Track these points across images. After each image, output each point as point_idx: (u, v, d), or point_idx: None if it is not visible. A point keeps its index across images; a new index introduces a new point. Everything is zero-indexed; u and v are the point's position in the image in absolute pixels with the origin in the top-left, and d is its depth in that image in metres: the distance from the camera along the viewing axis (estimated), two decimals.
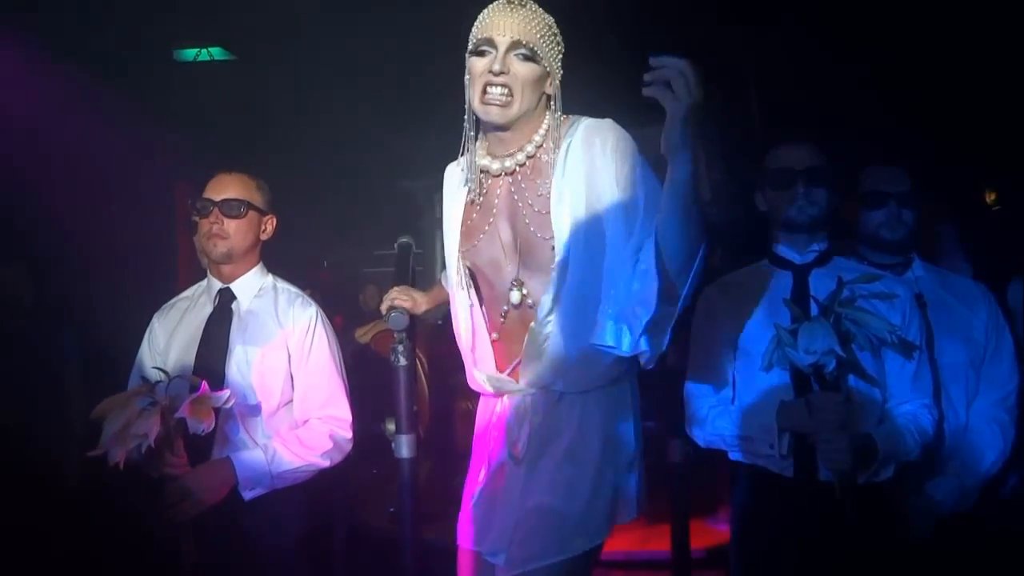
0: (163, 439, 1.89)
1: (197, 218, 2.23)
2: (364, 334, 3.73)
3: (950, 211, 2.67)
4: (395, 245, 2.09)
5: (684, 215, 1.50)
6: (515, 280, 1.72)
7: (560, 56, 1.69)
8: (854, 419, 1.82)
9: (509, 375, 1.76)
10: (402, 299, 1.86)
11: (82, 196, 3.80)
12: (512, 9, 1.63)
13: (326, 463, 2.17)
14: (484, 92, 1.62)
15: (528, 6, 1.65)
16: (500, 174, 1.71)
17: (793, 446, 1.86)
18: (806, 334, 1.76)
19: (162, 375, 1.98)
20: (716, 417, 1.99)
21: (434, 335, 3.33)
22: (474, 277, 1.81)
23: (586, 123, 1.69)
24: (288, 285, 2.30)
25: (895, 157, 2.26)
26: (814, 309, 1.86)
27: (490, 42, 1.62)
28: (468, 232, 1.77)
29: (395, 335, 1.92)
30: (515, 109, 1.63)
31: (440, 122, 1.69)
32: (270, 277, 2.29)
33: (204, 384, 1.96)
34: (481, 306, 1.81)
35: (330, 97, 4.47)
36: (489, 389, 1.80)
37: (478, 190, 1.75)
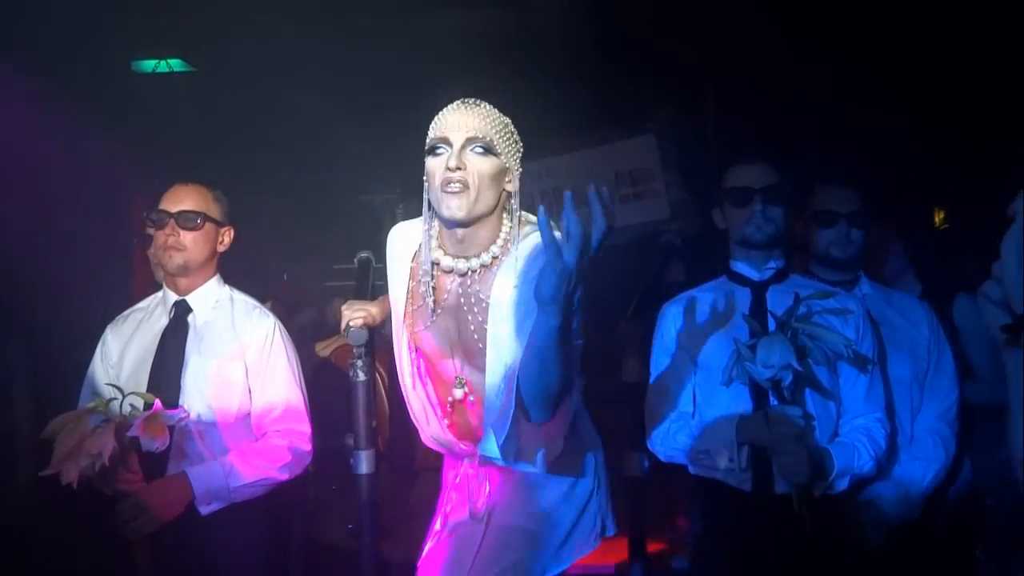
0: (117, 457, 1.86)
1: (153, 230, 2.20)
2: (324, 348, 3.68)
3: (900, 230, 2.75)
4: (355, 260, 2.08)
5: (540, 362, 1.46)
6: (458, 377, 1.72)
7: (519, 155, 1.68)
8: (811, 432, 1.86)
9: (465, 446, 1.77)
10: (358, 315, 1.85)
11: (37, 206, 3.70)
12: (467, 108, 1.62)
13: (284, 476, 2.14)
14: (444, 186, 1.59)
15: (483, 105, 1.64)
16: (451, 272, 1.67)
17: (752, 459, 1.89)
18: (764, 348, 1.80)
19: (116, 392, 1.94)
20: (677, 431, 2.02)
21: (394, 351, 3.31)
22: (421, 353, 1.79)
23: (529, 238, 1.64)
24: (246, 296, 2.28)
25: (846, 177, 2.33)
26: (772, 325, 1.90)
27: (445, 140, 1.61)
28: (414, 317, 1.74)
29: (354, 350, 1.91)
30: (473, 200, 1.59)
31: (401, 136, 1.69)
32: (227, 288, 2.27)
33: (157, 402, 1.93)
34: (432, 387, 1.80)
35: (290, 110, 4.44)
36: (445, 451, 1.82)
37: (428, 280, 1.70)
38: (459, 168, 1.58)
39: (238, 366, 2.15)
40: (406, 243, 1.76)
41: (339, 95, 4.24)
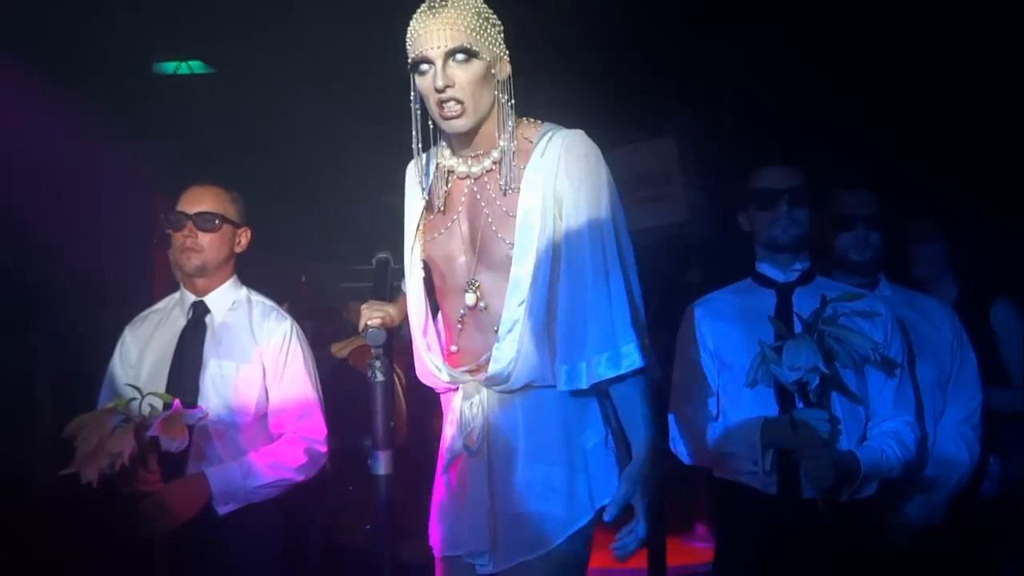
0: (136, 457, 1.86)
1: (171, 231, 2.20)
2: (341, 349, 3.69)
3: (937, 231, 2.72)
4: (373, 261, 2.07)
5: None
6: (471, 281, 1.67)
7: (500, 36, 1.63)
8: (837, 436, 1.83)
9: (463, 371, 1.72)
10: (376, 315, 1.84)
11: (59, 207, 3.74)
12: (435, 14, 1.57)
13: (301, 477, 2.14)
14: (440, 107, 1.58)
15: (450, 3, 1.58)
16: (466, 177, 1.69)
17: (777, 463, 1.87)
18: (790, 351, 1.77)
19: (135, 392, 1.94)
20: (700, 434, 1.99)
21: (411, 350, 3.30)
22: (431, 275, 1.76)
23: (562, 137, 1.64)
24: (263, 298, 2.28)
25: (878, 178, 2.30)
26: (798, 327, 1.88)
27: (425, 59, 1.57)
28: (428, 227, 1.74)
29: (372, 351, 1.90)
30: (472, 115, 1.59)
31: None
32: (244, 290, 2.27)
33: (177, 402, 1.93)
34: (437, 312, 1.77)
35: (309, 110, 4.46)
36: (443, 379, 1.75)
37: (440, 188, 1.71)
38: (448, 86, 1.56)
39: (255, 367, 2.15)
40: (422, 168, 1.77)
41: (357, 96, 4.25)
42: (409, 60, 1.61)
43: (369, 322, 1.83)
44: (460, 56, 1.56)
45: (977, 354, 2.22)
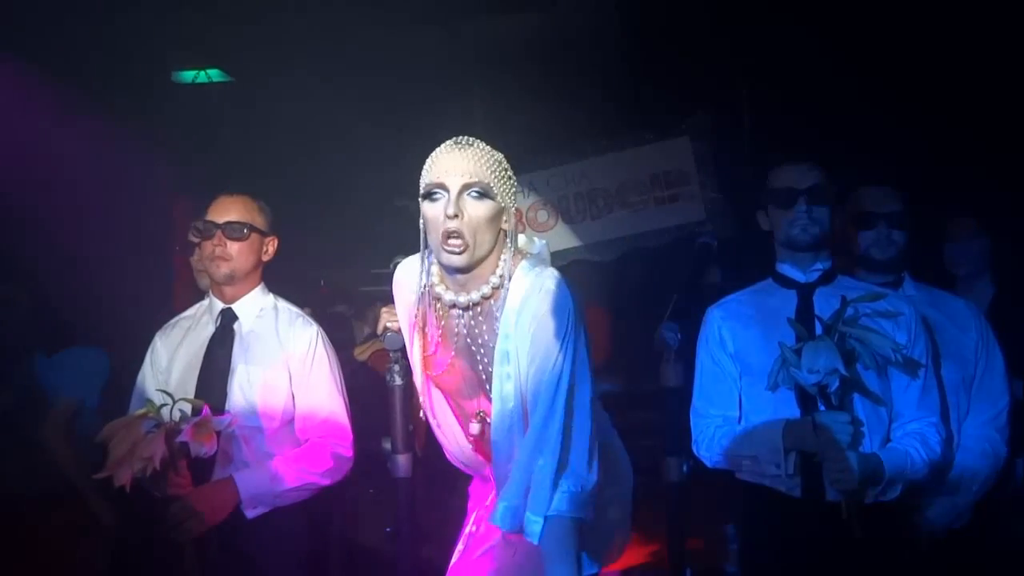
0: (167, 461, 1.89)
1: (199, 240, 2.24)
2: (362, 352, 3.71)
3: (979, 230, 2.69)
4: (391, 265, 2.09)
5: None
6: (478, 412, 1.72)
7: (514, 191, 1.65)
8: (860, 438, 1.82)
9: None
10: (393, 318, 1.86)
11: (80, 216, 3.79)
12: (460, 149, 1.59)
13: (327, 481, 2.16)
14: (444, 240, 1.58)
15: (476, 145, 1.61)
16: (454, 307, 1.68)
17: (800, 466, 1.87)
18: (810, 353, 1.77)
19: (166, 397, 1.98)
20: (722, 437, 2.00)
21: None
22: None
23: (529, 280, 1.62)
24: (289, 305, 2.30)
25: (902, 175, 2.29)
26: (819, 328, 1.87)
27: (442, 186, 1.58)
28: (433, 362, 1.75)
29: (391, 355, 1.92)
30: (472, 254, 1.59)
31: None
32: (271, 297, 2.29)
33: (206, 408, 1.97)
34: (456, 419, 1.81)
35: (326, 116, 4.50)
36: (482, 472, 1.82)
37: (435, 317, 1.71)
38: (457, 216, 1.56)
39: (282, 373, 2.17)
40: (412, 281, 1.75)
41: (374, 100, 4.28)
42: (423, 187, 1.61)
43: (388, 325, 1.86)
44: (475, 192, 1.58)
45: (1010, 355, 2.18)
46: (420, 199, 1.63)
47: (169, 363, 2.21)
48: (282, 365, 2.18)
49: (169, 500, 1.96)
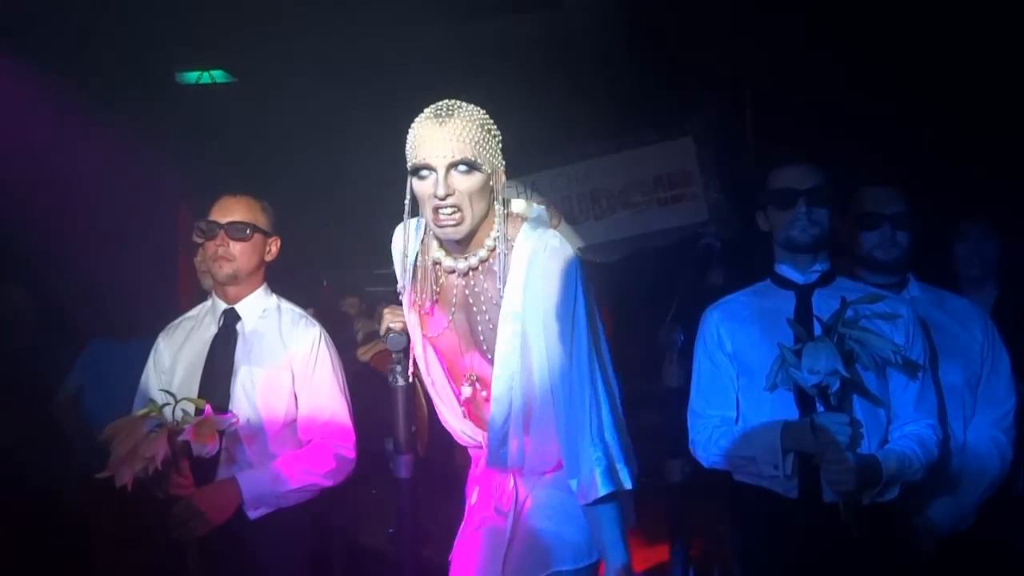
0: (169, 461, 1.90)
1: (202, 240, 2.24)
2: (365, 352, 3.72)
3: (991, 232, 2.69)
4: None
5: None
6: (469, 374, 1.75)
7: (499, 148, 1.66)
8: (858, 439, 1.82)
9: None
10: (396, 319, 1.87)
11: (84, 216, 3.82)
12: (441, 123, 1.58)
13: (329, 482, 2.17)
14: (436, 213, 1.60)
15: (456, 114, 1.59)
16: (453, 271, 1.70)
17: (798, 467, 1.87)
18: (810, 354, 1.77)
19: (169, 397, 1.99)
20: (720, 438, 2.00)
21: None
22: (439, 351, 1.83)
23: (533, 241, 1.65)
24: (292, 305, 2.31)
25: (904, 176, 2.28)
26: (817, 329, 1.87)
27: (427, 167, 1.58)
28: (431, 322, 1.77)
29: (393, 355, 1.92)
30: (467, 224, 1.61)
31: None
32: (274, 298, 2.30)
33: (208, 408, 1.97)
34: (450, 383, 1.84)
35: (329, 116, 4.51)
36: (479, 439, 1.81)
37: (432, 283, 1.73)
38: (448, 195, 1.57)
39: (285, 374, 2.18)
40: (408, 244, 1.79)
41: (378, 100, 4.29)
42: (409, 164, 1.62)
43: (391, 326, 1.87)
44: (462, 167, 1.59)
45: (1015, 357, 2.18)
46: (408, 174, 1.64)
47: (172, 363, 2.22)
48: (285, 366, 2.19)
49: (172, 500, 1.97)
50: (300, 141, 4.64)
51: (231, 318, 2.23)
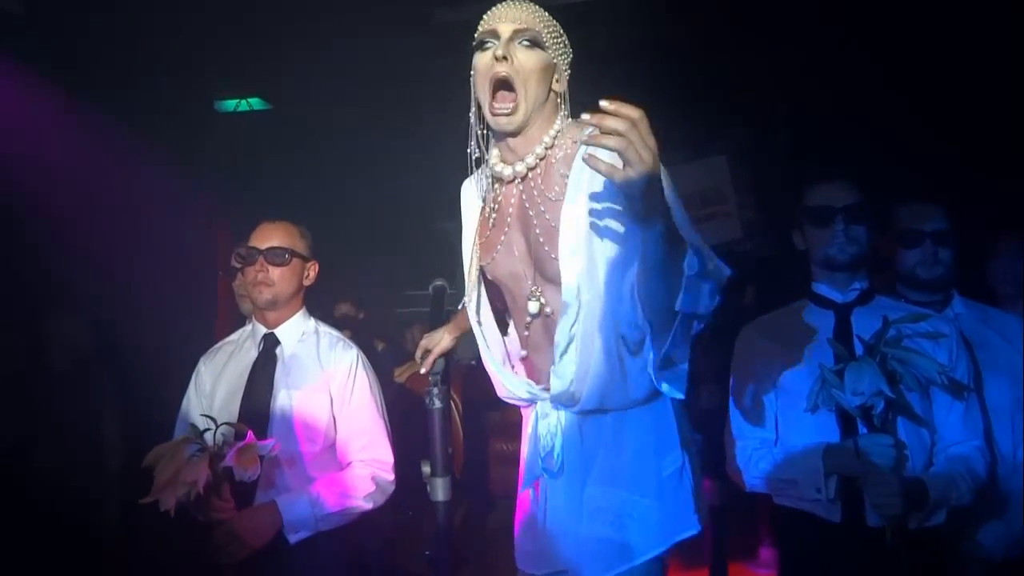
0: (211, 485, 1.92)
1: (241, 265, 2.28)
2: (401, 374, 3.74)
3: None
4: (430, 288, 2.11)
5: (660, 274, 1.39)
6: (532, 290, 1.66)
7: (568, 56, 1.64)
8: (904, 462, 1.78)
9: (542, 388, 1.70)
10: (437, 341, 1.86)
11: (124, 243, 3.90)
12: (515, 3, 1.60)
13: (369, 506, 2.17)
14: (492, 96, 1.56)
15: (531, 4, 1.61)
16: (512, 179, 1.65)
17: (840, 490, 1.83)
18: (853, 375, 1.74)
19: (210, 422, 2.01)
20: (759, 460, 1.97)
21: (468, 377, 3.33)
22: (499, 291, 1.77)
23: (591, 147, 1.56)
24: (330, 329, 2.34)
25: (945, 192, 2.24)
26: (858, 349, 1.84)
27: (493, 33, 1.57)
28: (486, 246, 1.72)
29: (430, 378, 1.93)
30: (522, 111, 1.56)
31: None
32: (312, 321, 2.33)
33: (250, 433, 1.99)
34: (508, 321, 1.77)
35: (364, 142, 4.57)
36: (523, 396, 1.73)
37: (492, 199, 1.69)
38: (506, 58, 1.53)
39: (323, 397, 2.20)
40: (472, 187, 1.77)
41: (411, 126, 4.35)
42: (475, 40, 1.61)
43: (428, 348, 1.87)
44: (526, 41, 1.56)
45: None
46: (473, 51, 1.60)
47: (213, 388, 2.25)
48: (323, 389, 2.20)
49: (212, 524, 1.98)
50: (335, 165, 4.72)
51: (271, 342, 2.26)
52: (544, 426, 1.69)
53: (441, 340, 1.88)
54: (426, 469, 1.98)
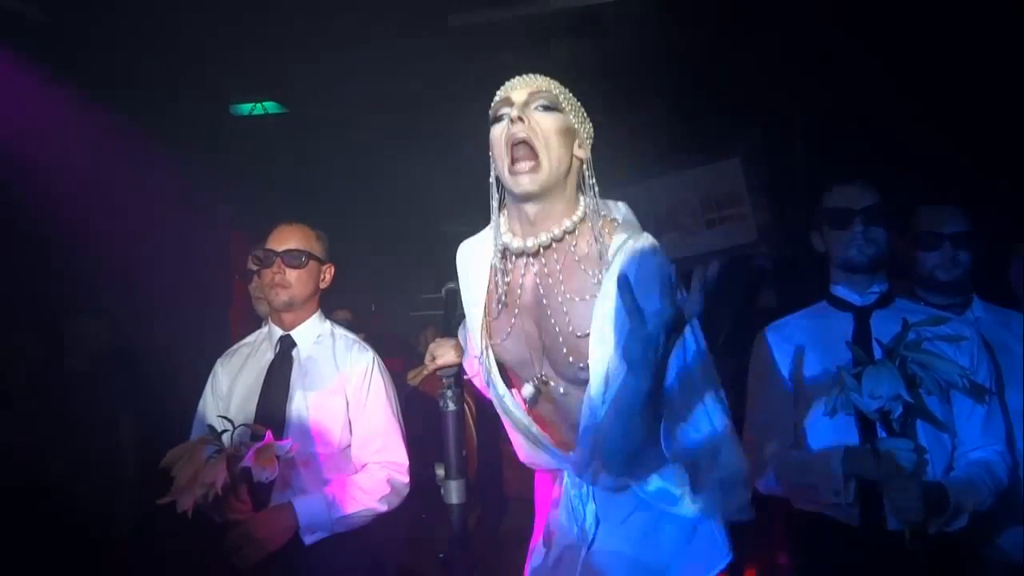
0: (229, 486, 1.93)
1: (258, 267, 2.29)
2: (414, 376, 3.74)
3: None
4: (442, 291, 2.11)
5: (625, 423, 1.38)
6: (538, 377, 1.59)
7: (587, 124, 1.56)
8: (924, 466, 1.77)
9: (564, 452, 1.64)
10: (443, 354, 1.84)
11: (140, 246, 3.93)
12: (528, 75, 1.54)
13: (384, 508, 2.18)
14: (511, 159, 1.47)
15: (543, 76, 1.54)
16: (522, 254, 1.54)
17: (859, 494, 1.81)
18: (871, 378, 1.73)
19: (227, 423, 2.02)
20: (777, 464, 1.95)
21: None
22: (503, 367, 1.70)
23: (636, 243, 1.50)
24: (346, 331, 2.35)
25: (965, 194, 2.22)
26: (877, 352, 1.83)
27: (507, 101, 1.50)
28: (493, 328, 1.63)
29: (443, 380, 1.93)
30: (544, 171, 1.46)
31: (484, 168, 1.66)
32: (328, 324, 2.34)
33: (268, 433, 2.00)
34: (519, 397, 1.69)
35: (379, 146, 4.59)
36: (552, 465, 1.70)
37: (501, 273, 1.58)
38: (521, 119, 1.45)
39: (339, 399, 2.20)
40: (474, 253, 1.66)
41: (425, 130, 4.36)
42: (490, 117, 1.53)
43: (437, 358, 1.87)
44: (542, 104, 1.49)
45: None
46: (489, 127, 1.53)
47: (229, 389, 2.26)
48: (339, 391, 2.21)
49: (228, 525, 1.99)
50: (350, 169, 4.73)
51: (287, 344, 2.27)
52: (576, 495, 1.65)
53: (446, 355, 1.87)
54: (440, 472, 1.98)
